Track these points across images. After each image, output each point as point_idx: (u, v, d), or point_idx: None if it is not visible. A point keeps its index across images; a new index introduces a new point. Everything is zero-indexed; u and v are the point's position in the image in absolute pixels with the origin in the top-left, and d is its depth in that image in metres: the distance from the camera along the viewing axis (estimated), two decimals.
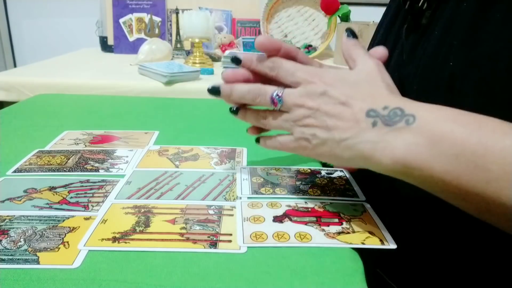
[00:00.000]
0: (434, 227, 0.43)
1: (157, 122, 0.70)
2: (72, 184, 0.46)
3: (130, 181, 0.47)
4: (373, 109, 0.35)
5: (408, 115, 0.33)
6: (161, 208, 0.41)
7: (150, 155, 0.55)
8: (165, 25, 1.66)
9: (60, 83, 1.13)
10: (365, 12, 1.74)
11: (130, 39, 1.64)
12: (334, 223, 0.39)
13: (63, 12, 2.04)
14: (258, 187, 0.46)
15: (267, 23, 1.70)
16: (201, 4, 1.68)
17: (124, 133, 0.63)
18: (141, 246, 0.35)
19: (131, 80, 1.17)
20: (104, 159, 0.53)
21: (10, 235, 0.36)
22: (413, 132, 0.32)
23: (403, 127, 0.33)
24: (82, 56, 1.62)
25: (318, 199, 0.43)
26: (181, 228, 0.37)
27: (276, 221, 0.39)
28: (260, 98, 0.40)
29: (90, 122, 0.69)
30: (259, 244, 0.35)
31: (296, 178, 0.48)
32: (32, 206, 0.41)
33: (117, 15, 1.62)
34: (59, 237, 0.35)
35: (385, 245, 0.35)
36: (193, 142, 0.59)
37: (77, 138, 0.60)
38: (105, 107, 0.82)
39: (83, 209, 0.40)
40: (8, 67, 2.07)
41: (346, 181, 0.48)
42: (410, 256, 0.43)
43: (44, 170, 0.49)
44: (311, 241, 0.36)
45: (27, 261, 0.32)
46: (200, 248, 0.35)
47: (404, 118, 0.33)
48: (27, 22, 2.08)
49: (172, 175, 0.48)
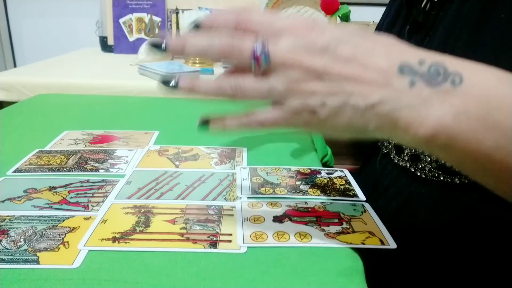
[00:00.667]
0: (434, 227, 0.43)
1: (157, 122, 0.70)
2: (72, 184, 0.46)
3: (130, 181, 0.47)
4: (407, 64, 0.27)
5: (453, 73, 0.27)
6: (161, 208, 0.41)
7: (150, 155, 0.55)
8: (165, 25, 1.65)
9: (60, 83, 1.13)
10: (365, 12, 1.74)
11: (130, 39, 1.64)
12: (334, 223, 0.39)
13: (63, 12, 2.04)
14: (258, 187, 0.46)
15: None
16: (201, 4, 1.68)
17: (124, 133, 0.63)
18: (141, 246, 0.35)
19: (131, 80, 1.17)
20: (104, 159, 0.53)
21: (10, 235, 0.36)
22: (462, 96, 0.26)
23: (449, 89, 0.26)
24: (82, 56, 1.62)
25: (318, 199, 0.43)
26: (181, 228, 0.37)
27: (276, 221, 0.39)
28: (233, 53, 0.29)
29: (90, 122, 0.69)
30: (259, 244, 0.35)
31: (296, 178, 0.48)
32: (32, 206, 0.41)
33: (117, 15, 1.62)
34: (59, 237, 0.35)
35: (385, 245, 0.35)
36: (193, 142, 0.59)
37: (77, 138, 0.60)
38: (105, 107, 0.82)
39: (83, 209, 0.40)
40: (8, 67, 2.07)
41: (346, 181, 0.48)
42: (410, 256, 0.43)
43: (44, 170, 0.49)
44: (311, 241, 0.36)
45: (27, 261, 0.32)
46: (200, 248, 0.35)
47: (449, 77, 0.26)
48: (27, 22, 2.07)
49: (172, 175, 0.48)
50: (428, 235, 0.43)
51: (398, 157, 0.47)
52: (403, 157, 0.46)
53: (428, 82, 0.27)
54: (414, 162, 0.44)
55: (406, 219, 0.44)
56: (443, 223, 0.42)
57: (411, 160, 0.45)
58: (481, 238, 0.40)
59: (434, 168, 0.42)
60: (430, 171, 0.43)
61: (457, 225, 0.41)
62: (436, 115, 0.26)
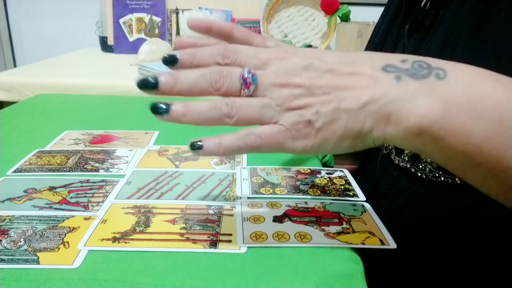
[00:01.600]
0: (434, 227, 0.43)
1: (157, 122, 0.69)
2: (72, 184, 0.46)
3: (130, 181, 0.47)
4: (390, 64, 0.28)
5: (437, 68, 0.27)
6: (161, 208, 0.41)
7: (150, 155, 0.55)
8: (165, 25, 1.66)
9: (60, 83, 1.13)
10: (365, 12, 1.74)
11: (130, 39, 1.64)
12: (334, 223, 0.39)
13: (63, 12, 2.04)
14: (258, 187, 0.46)
15: (267, 23, 1.70)
16: (201, 4, 1.68)
17: (124, 133, 0.63)
18: (141, 246, 0.35)
19: (131, 80, 1.17)
20: (104, 159, 0.53)
21: (10, 235, 0.36)
22: (447, 88, 0.27)
23: (434, 82, 0.27)
24: (82, 56, 1.62)
25: (318, 199, 0.43)
26: (181, 228, 0.37)
27: (276, 221, 0.39)
28: (223, 80, 0.29)
29: (90, 122, 0.69)
30: (259, 244, 0.35)
31: (296, 178, 0.48)
32: (32, 206, 0.41)
33: (117, 15, 1.62)
34: (59, 237, 0.35)
35: (385, 245, 0.35)
36: None
37: (77, 138, 0.60)
38: (105, 107, 0.82)
39: (83, 209, 0.40)
40: (8, 67, 2.07)
41: (346, 181, 0.48)
42: (410, 256, 0.43)
43: (44, 170, 0.49)
44: (311, 241, 0.36)
45: (27, 261, 0.32)
46: (200, 248, 0.35)
47: (433, 71, 0.27)
48: (27, 22, 2.07)
49: (172, 175, 0.48)
50: (428, 235, 0.43)
51: (399, 158, 0.47)
52: (403, 157, 0.46)
53: (413, 76, 0.27)
54: (415, 163, 0.44)
55: (407, 220, 0.44)
56: (443, 223, 0.42)
57: (411, 161, 0.45)
58: (482, 238, 0.40)
59: (435, 169, 0.42)
60: (430, 171, 0.43)
61: (458, 225, 0.41)
62: (425, 105, 0.27)
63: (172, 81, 0.29)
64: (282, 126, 0.29)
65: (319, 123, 0.29)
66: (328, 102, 0.28)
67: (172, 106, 0.29)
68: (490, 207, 0.38)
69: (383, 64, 0.28)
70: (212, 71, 0.29)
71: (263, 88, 0.29)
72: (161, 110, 0.30)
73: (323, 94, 0.29)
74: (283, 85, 0.29)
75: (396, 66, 0.28)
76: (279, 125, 0.29)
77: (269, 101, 0.29)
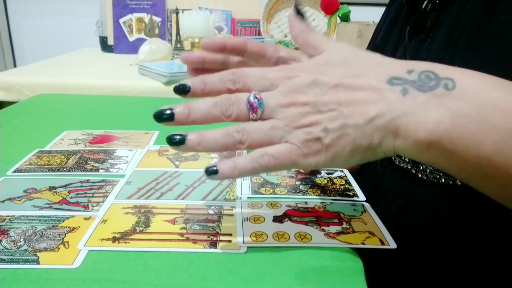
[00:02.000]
0: (435, 228, 0.43)
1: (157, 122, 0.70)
2: (72, 184, 0.46)
3: (130, 181, 0.47)
4: (395, 76, 0.28)
5: (445, 78, 0.27)
6: (161, 208, 0.41)
7: (150, 155, 0.55)
8: (165, 25, 1.66)
9: (60, 83, 1.13)
10: (365, 12, 1.74)
11: (130, 39, 1.64)
12: (334, 223, 0.39)
13: (63, 12, 2.04)
14: (258, 187, 0.46)
15: (267, 23, 1.70)
16: (201, 4, 1.68)
17: (124, 133, 0.63)
18: (141, 246, 0.35)
19: (131, 80, 1.17)
20: (104, 159, 0.53)
21: (10, 235, 0.36)
22: (456, 100, 0.26)
23: (443, 93, 0.26)
24: (82, 56, 1.62)
25: (318, 199, 0.43)
26: (181, 228, 0.37)
27: (276, 221, 0.39)
28: (232, 107, 0.31)
29: (90, 122, 0.69)
30: (259, 244, 0.35)
31: (296, 178, 0.48)
32: (32, 206, 0.41)
33: (117, 15, 1.62)
34: (59, 237, 0.35)
35: (385, 245, 0.35)
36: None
37: (77, 138, 0.60)
38: (105, 107, 0.82)
39: (83, 209, 0.40)
40: (8, 67, 2.07)
41: (346, 181, 0.48)
42: (410, 256, 0.43)
43: (44, 170, 0.49)
44: (311, 241, 0.36)
45: (27, 261, 0.32)
46: (200, 248, 0.35)
47: (442, 82, 0.27)
48: (27, 22, 2.08)
49: (172, 175, 0.48)
50: (428, 236, 0.43)
51: (399, 159, 0.47)
52: (404, 158, 0.46)
53: (420, 88, 0.27)
54: (415, 164, 0.44)
55: (407, 221, 0.44)
56: (444, 224, 0.42)
57: (412, 162, 0.45)
58: (482, 239, 0.40)
59: (435, 170, 0.42)
60: (431, 173, 0.42)
61: (458, 226, 0.41)
62: (434, 119, 0.26)
63: (187, 112, 0.31)
64: (293, 145, 0.30)
65: (328, 139, 0.29)
66: (335, 119, 0.29)
67: (187, 136, 0.31)
68: (491, 209, 0.38)
69: (390, 77, 0.28)
70: (222, 100, 0.31)
71: (271, 110, 0.30)
72: (177, 141, 0.31)
73: (330, 110, 0.29)
74: (289, 104, 0.30)
75: (403, 78, 0.28)
76: (291, 143, 0.30)
77: (277, 122, 0.30)
